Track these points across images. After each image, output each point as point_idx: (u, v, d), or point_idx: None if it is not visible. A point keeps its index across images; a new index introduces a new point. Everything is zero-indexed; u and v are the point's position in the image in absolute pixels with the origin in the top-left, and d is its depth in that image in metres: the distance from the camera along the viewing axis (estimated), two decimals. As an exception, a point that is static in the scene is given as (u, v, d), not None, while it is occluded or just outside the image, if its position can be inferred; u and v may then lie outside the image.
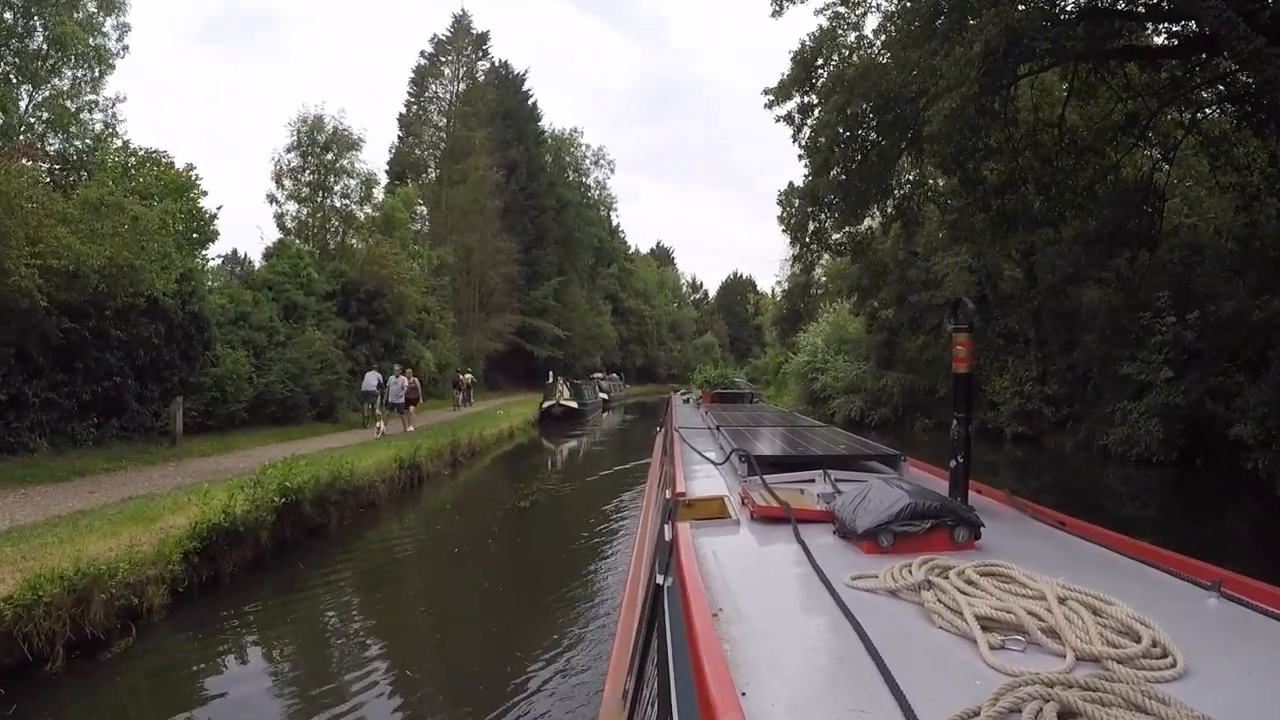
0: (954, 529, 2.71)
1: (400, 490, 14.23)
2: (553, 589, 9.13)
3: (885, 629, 1.95)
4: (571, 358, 58.29)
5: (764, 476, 4.04)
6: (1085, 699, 1.47)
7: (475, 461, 20.41)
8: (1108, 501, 17.38)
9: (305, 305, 22.83)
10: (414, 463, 14.90)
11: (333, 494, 10.83)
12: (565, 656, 6.95)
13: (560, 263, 57.77)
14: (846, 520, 2.84)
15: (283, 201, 29.58)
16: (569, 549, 11.40)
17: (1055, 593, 2.00)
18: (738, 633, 1.98)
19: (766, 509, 3.30)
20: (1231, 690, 1.67)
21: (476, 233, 45.87)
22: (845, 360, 34.66)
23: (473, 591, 9.44)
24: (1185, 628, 1.90)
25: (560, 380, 35.61)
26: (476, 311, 47.17)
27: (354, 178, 29.87)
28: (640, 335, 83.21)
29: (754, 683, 1.68)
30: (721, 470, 4.77)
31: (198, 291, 17.21)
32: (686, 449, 5.85)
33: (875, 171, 16.67)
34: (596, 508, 14.27)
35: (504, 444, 24.65)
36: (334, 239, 29.69)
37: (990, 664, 1.74)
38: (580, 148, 66.89)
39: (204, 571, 8.08)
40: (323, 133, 29.77)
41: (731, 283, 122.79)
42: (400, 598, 9.05)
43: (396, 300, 26.57)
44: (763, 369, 64.04)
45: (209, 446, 16.16)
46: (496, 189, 49.49)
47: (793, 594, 2.39)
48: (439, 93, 54.02)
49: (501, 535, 12.60)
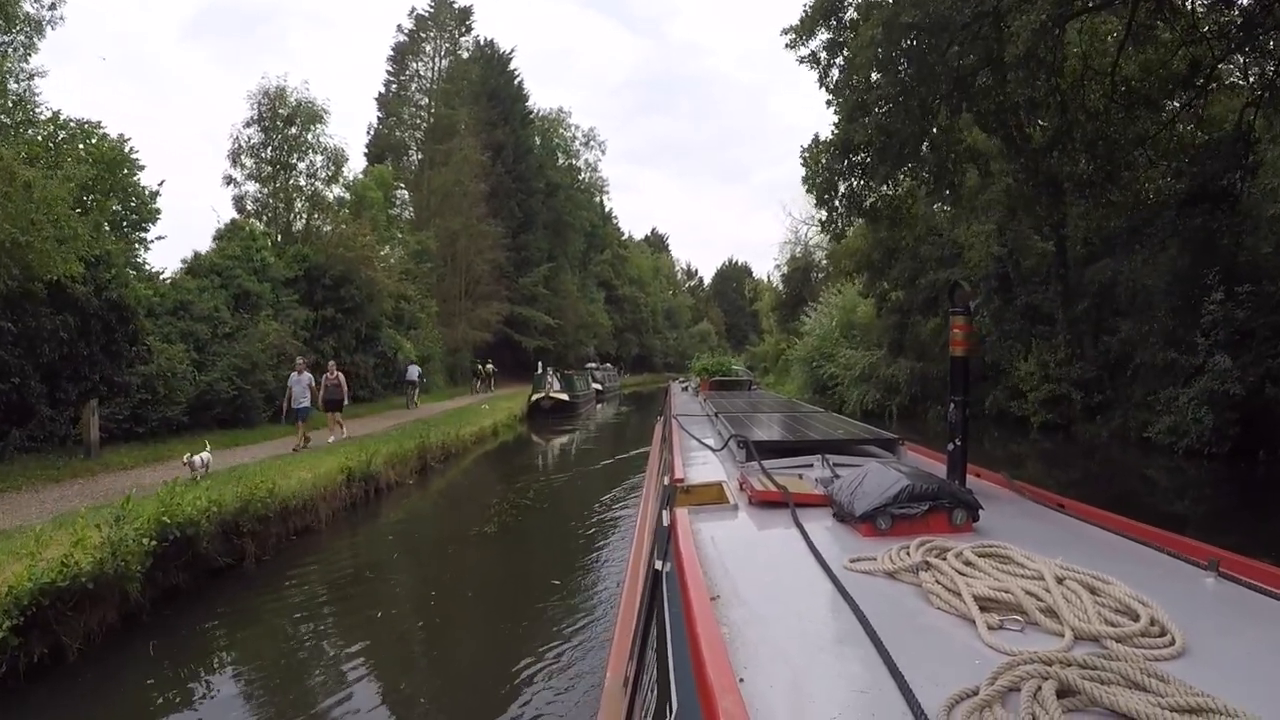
0: (952, 511, 2.70)
1: (349, 508, 11.95)
2: (538, 650, 6.93)
3: (884, 611, 1.95)
4: (564, 347, 56.15)
5: (762, 462, 4.11)
6: (1084, 677, 1.46)
7: (451, 466, 18.13)
8: (1152, 497, 15.61)
9: (259, 292, 20.51)
10: (368, 474, 12.62)
11: (246, 522, 8.59)
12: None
13: (550, 248, 55.40)
14: (844, 504, 2.85)
15: (241, 181, 27.17)
16: (547, 587, 9.20)
17: (1053, 573, 2.00)
18: (736, 617, 1.98)
19: (765, 494, 3.28)
20: (1230, 668, 1.66)
21: (460, 216, 43.45)
22: (854, 347, 32.40)
23: (428, 657, 7.22)
24: (1183, 607, 1.90)
25: (550, 371, 33.26)
26: (462, 300, 44.86)
27: (320, 154, 27.44)
28: (635, 324, 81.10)
29: (753, 666, 1.67)
30: (720, 456, 4.76)
31: (119, 277, 14.92)
32: (685, 436, 5.84)
33: (915, 115, 14.27)
34: (585, 526, 12.11)
35: (486, 443, 22.40)
36: (299, 221, 27.29)
37: (989, 644, 1.73)
38: (569, 129, 64.32)
39: (34, 649, 5.87)
40: (285, 105, 27.33)
41: (727, 269, 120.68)
42: (320, 671, 6.80)
43: (367, 286, 24.18)
44: (761, 356, 62.40)
45: (133, 457, 13.90)
46: (482, 171, 47.12)
47: (791, 577, 2.34)
48: (420, 71, 51.46)
49: (465, 567, 10.39)
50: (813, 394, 32.72)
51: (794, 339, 41.58)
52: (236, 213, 26.81)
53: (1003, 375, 25.91)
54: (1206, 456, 17.52)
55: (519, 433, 27.03)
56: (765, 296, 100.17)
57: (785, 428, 5.85)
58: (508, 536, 11.75)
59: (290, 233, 26.64)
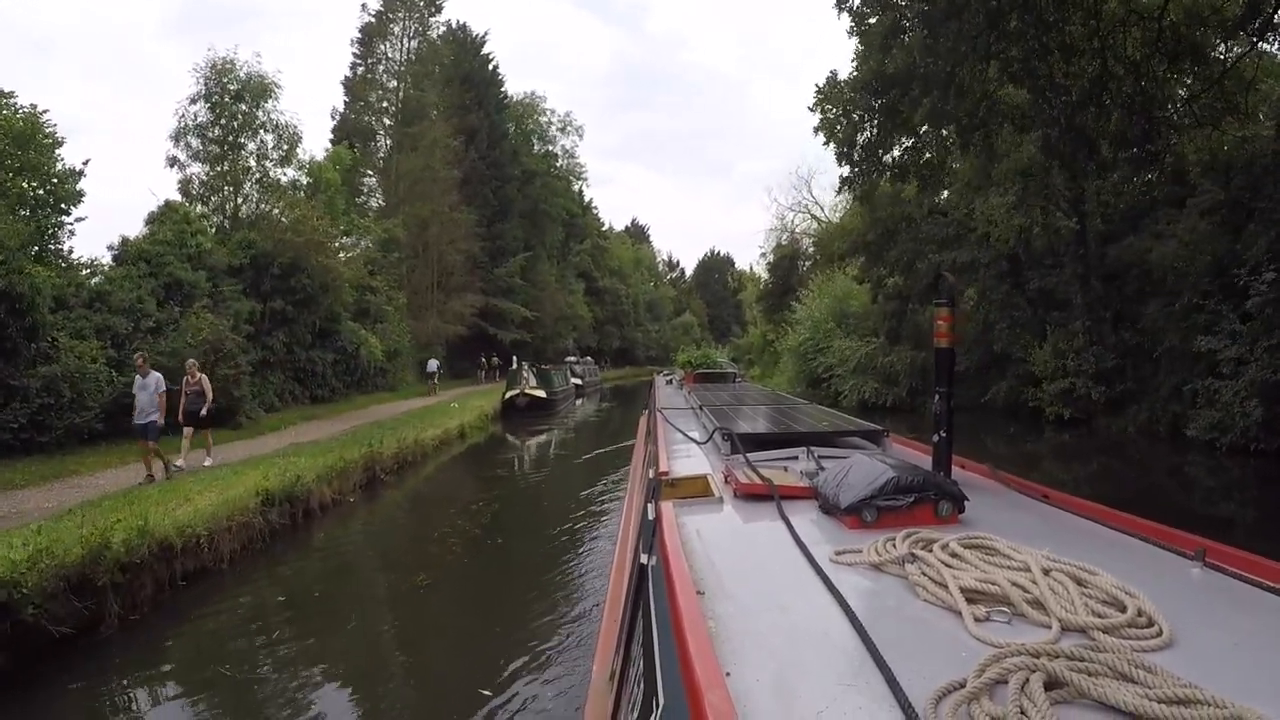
0: (937, 503, 2.69)
1: (266, 539, 9.71)
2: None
3: (870, 603, 1.96)
4: (542, 341, 53.98)
5: (747, 454, 4.02)
6: (1072, 669, 1.45)
7: (409, 475, 16.01)
8: (1192, 499, 13.96)
9: (193, 282, 18.22)
10: (294, 493, 10.44)
11: (103, 571, 6.46)
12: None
13: (527, 238, 53.05)
14: (830, 496, 2.84)
15: (186, 163, 24.75)
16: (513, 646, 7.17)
17: (1040, 564, 2.00)
18: (722, 610, 1.97)
19: (750, 486, 3.27)
20: (1217, 659, 1.65)
21: (431, 203, 41.10)
22: (848, 336, 30.47)
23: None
24: (1170, 597, 1.89)
25: (524, 367, 31.08)
26: (434, 292, 42.57)
27: (271, 132, 25.05)
28: (616, 316, 78.98)
29: (739, 660, 1.66)
30: (705, 449, 4.76)
31: (10, 263, 12.70)
32: (670, 429, 5.83)
33: (945, 57, 12.20)
34: (554, 564, 10.11)
35: (452, 447, 20.27)
36: (248, 206, 24.93)
37: (976, 636, 1.73)
38: (545, 114, 61.83)
39: None
40: (235, 80, 24.96)
41: (709, 260, 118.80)
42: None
43: (320, 275, 21.89)
44: (746, 348, 60.75)
45: (27, 474, 11.72)
46: (454, 157, 44.77)
47: (777, 570, 2.32)
48: (388, 53, 48.86)
49: (409, 613, 8.35)
50: (805, 387, 30.83)
51: (782, 329, 39.65)
52: (183, 198, 24.48)
53: (1012, 365, 24.15)
54: (1253, 453, 15.80)
55: (491, 433, 24.91)
56: (749, 287, 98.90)
57: (770, 420, 5.89)
58: (460, 572, 9.71)
59: (239, 218, 24.31)
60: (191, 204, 23.99)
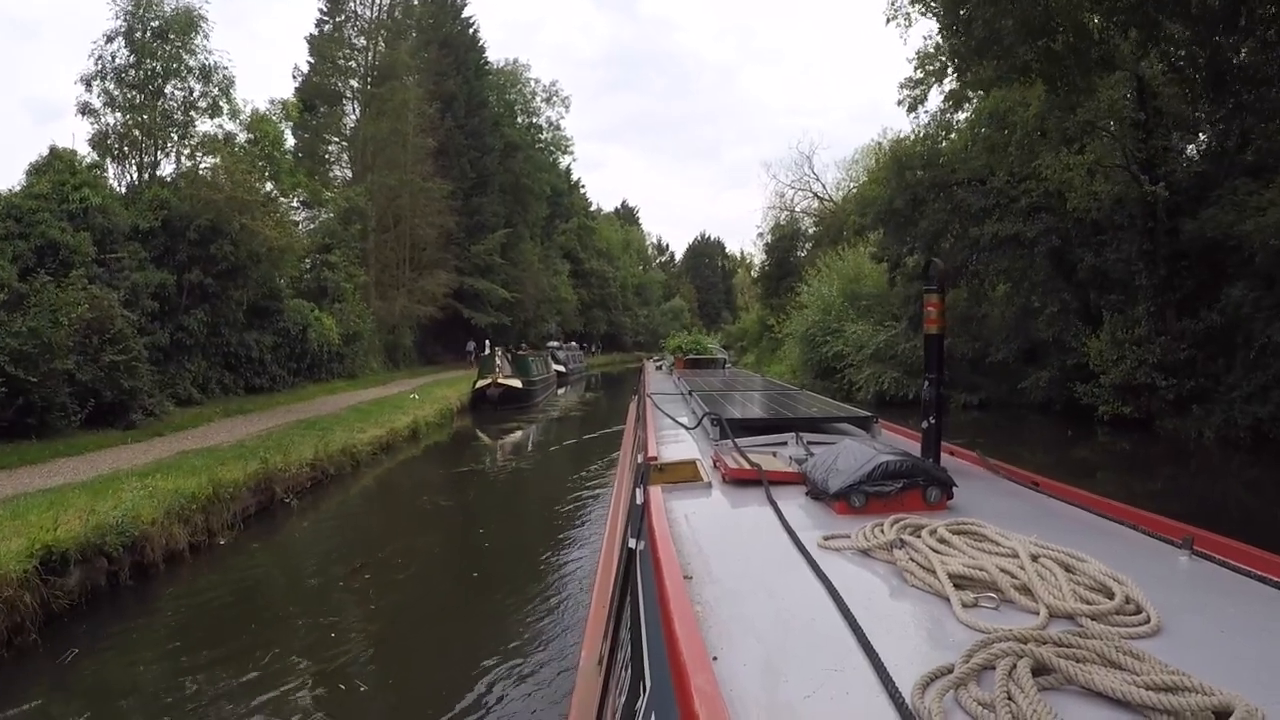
0: (926, 489, 2.66)
1: (45, 622, 6.29)
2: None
3: (858, 588, 1.92)
4: (523, 324, 50.46)
5: (736, 440, 4.00)
6: (1059, 655, 1.43)
7: (327, 496, 12.57)
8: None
9: (74, 246, 14.64)
10: (103, 546, 6.80)
11: None
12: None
13: (508, 214, 49.24)
14: (818, 481, 2.80)
15: (101, 111, 21.03)
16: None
17: (1028, 550, 1.96)
18: (710, 595, 1.94)
19: (738, 471, 3.25)
20: (1204, 645, 1.64)
21: (401, 171, 37.39)
22: (862, 320, 27.14)
23: None
24: (1158, 585, 1.87)
25: (498, 352, 27.58)
26: (403, 269, 38.94)
27: (198, 79, 21.30)
28: (603, 299, 75.46)
29: (726, 645, 1.64)
30: (694, 434, 4.71)
31: None
32: (659, 414, 5.77)
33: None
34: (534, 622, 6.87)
35: (398, 451, 16.80)
36: (169, 162, 21.26)
37: (963, 621, 1.70)
38: (529, 83, 57.85)
39: None
40: (158, 14, 21.26)
41: (699, 245, 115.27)
42: None
43: (247, 242, 18.31)
44: (738, 335, 57.65)
45: None
46: (429, 124, 40.97)
47: (765, 555, 2.30)
48: (358, 9, 44.88)
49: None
50: (813, 378, 27.55)
51: (782, 314, 36.32)
52: (97, 153, 20.82)
53: (1054, 356, 21.00)
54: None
55: (454, 430, 21.50)
56: (740, 273, 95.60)
57: (760, 406, 5.99)
58: (374, 675, 6.37)
59: (156, 176, 20.67)
60: (104, 160, 20.42)
